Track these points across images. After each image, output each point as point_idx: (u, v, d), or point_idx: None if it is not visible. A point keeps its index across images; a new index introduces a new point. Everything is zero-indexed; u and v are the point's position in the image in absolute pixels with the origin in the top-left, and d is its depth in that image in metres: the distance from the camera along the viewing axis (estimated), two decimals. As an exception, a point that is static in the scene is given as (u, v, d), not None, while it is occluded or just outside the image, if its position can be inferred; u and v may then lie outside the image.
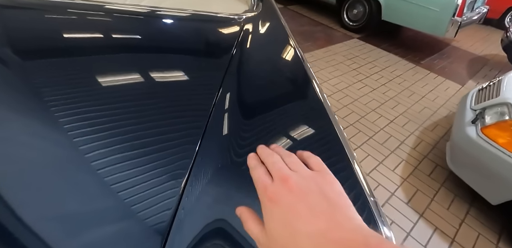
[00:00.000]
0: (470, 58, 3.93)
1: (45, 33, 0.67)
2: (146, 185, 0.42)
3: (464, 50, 4.18)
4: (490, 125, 1.49)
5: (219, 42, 0.90)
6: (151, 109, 0.55)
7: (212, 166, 0.49)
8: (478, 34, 4.96)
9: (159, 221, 0.39)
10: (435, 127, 2.42)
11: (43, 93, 0.51)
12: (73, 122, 0.47)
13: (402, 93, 2.85)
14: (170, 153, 0.48)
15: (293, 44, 1.00)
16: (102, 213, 0.38)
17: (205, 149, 0.51)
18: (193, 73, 0.72)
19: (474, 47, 4.37)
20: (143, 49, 0.74)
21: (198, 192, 0.43)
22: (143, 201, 0.40)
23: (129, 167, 0.43)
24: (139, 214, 0.39)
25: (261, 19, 1.12)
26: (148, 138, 0.49)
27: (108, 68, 0.64)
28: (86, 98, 0.52)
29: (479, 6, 3.79)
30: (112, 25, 0.81)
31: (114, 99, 0.55)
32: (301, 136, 0.62)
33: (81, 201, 0.38)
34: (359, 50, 3.62)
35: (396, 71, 3.25)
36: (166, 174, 0.44)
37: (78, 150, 0.43)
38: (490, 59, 3.99)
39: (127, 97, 0.57)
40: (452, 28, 3.15)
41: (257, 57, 0.88)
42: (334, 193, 0.25)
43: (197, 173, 0.46)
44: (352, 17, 4.01)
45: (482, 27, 5.39)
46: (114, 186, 0.40)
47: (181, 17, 0.97)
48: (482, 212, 1.73)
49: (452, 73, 3.40)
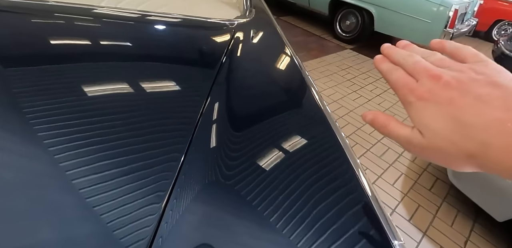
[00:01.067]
0: (461, 69, 3.97)
1: (25, 38, 0.63)
2: (122, 210, 0.36)
3: (455, 61, 4.23)
4: (494, 138, 1.43)
5: (208, 49, 0.83)
6: (133, 121, 0.50)
7: (196, 185, 0.44)
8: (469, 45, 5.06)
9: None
10: (433, 139, 2.38)
11: (20, 101, 0.46)
12: (49, 134, 0.43)
13: (397, 104, 2.81)
14: (150, 172, 0.42)
15: (289, 52, 0.94)
16: (76, 238, 0.34)
17: (189, 165, 0.45)
18: (178, 81, 0.65)
19: (464, 58, 4.43)
20: (128, 55, 0.69)
21: (178, 216, 0.38)
22: (119, 226, 0.35)
23: (104, 187, 0.38)
24: (115, 239, 0.34)
25: (254, 26, 1.06)
26: (128, 153, 0.44)
27: (90, 75, 0.59)
28: (64, 107, 0.48)
29: (468, 19, 3.86)
30: (98, 30, 0.75)
31: (93, 110, 0.49)
32: (300, 146, 0.57)
33: (54, 224, 0.34)
34: (352, 60, 3.61)
35: (390, 81, 3.23)
36: (144, 196, 0.39)
37: (53, 165, 0.39)
38: (480, 70, 4.04)
39: (107, 108, 0.51)
40: (444, 39, 3.17)
41: (249, 65, 0.81)
42: (507, 80, 0.21)
43: (178, 195, 0.41)
44: (345, 28, 4.02)
45: (471, 39, 5.50)
46: (88, 208, 0.36)
47: (170, 22, 0.91)
48: (487, 229, 1.65)
49: (445, 84, 3.41)
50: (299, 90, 0.77)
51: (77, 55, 0.63)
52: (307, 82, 0.78)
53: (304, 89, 0.76)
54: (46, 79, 0.54)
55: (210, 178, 0.45)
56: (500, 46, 3.12)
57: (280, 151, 0.54)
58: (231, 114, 0.61)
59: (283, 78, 0.82)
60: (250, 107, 0.67)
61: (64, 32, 0.71)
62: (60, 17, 0.76)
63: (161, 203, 0.38)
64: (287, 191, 0.45)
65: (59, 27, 0.72)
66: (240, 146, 0.53)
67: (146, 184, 0.40)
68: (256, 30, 1.05)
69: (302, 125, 0.65)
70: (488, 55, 3.55)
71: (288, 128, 0.62)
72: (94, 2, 0.85)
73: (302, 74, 0.81)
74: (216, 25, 0.95)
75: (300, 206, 0.43)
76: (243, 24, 1.00)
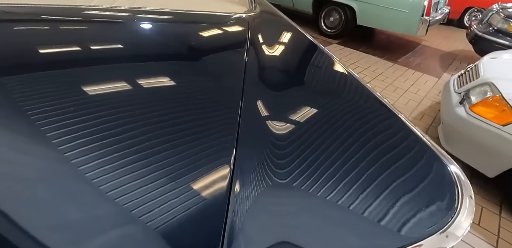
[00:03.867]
0: (440, 54, 4.24)
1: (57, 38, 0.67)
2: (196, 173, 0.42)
3: (434, 48, 4.51)
4: (477, 103, 1.63)
5: (232, 38, 0.95)
6: (185, 108, 0.56)
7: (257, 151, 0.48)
8: (443, 34, 5.37)
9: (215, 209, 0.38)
10: (423, 116, 2.58)
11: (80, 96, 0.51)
12: (134, 117, 0.49)
13: (386, 89, 3.03)
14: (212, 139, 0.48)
15: (302, 32, 1.08)
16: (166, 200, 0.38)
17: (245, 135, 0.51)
18: (216, 66, 0.75)
19: (441, 45, 4.72)
20: (163, 53, 0.76)
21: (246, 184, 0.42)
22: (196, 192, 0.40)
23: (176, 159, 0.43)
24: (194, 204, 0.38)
25: (264, 17, 1.21)
26: (188, 132, 0.49)
27: (151, 69, 0.65)
28: (122, 101, 0.53)
29: (441, 7, 4.15)
30: (129, 30, 0.82)
31: (163, 94, 0.57)
32: (343, 104, 0.66)
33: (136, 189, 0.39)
34: (340, 53, 3.82)
35: (377, 70, 3.45)
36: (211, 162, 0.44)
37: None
38: (458, 54, 4.33)
39: (172, 91, 0.59)
40: (422, 27, 3.42)
41: (271, 48, 0.93)
42: None
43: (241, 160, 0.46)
44: (329, 24, 4.26)
45: (445, 28, 5.84)
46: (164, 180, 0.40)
47: (191, 18, 1.03)
48: (482, 187, 1.85)
49: (427, 68, 3.65)
50: (322, 59, 0.90)
51: (122, 53, 0.69)
52: (327, 52, 0.92)
53: (326, 58, 0.88)
54: (106, 74, 0.60)
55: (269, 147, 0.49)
56: (473, 29, 3.40)
57: (326, 108, 0.61)
58: (269, 86, 0.69)
59: (304, 52, 0.95)
60: (287, 78, 0.77)
61: (99, 30, 0.77)
62: (86, 17, 0.81)
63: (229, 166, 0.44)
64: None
65: (91, 27, 0.79)
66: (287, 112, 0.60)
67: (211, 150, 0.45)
68: (267, 19, 1.21)
69: (340, 87, 0.74)
70: (463, 39, 3.83)
71: (331, 91, 0.71)
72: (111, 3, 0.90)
73: (320, 48, 0.96)
74: (231, 18, 1.09)
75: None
76: (254, 15, 1.16)
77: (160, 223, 0.35)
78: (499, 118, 1.53)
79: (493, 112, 1.55)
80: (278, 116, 0.58)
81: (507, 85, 1.60)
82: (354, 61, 3.62)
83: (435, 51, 4.37)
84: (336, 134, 0.54)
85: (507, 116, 1.51)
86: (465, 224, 0.40)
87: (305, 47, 0.99)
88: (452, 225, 0.39)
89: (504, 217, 1.67)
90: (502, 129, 1.50)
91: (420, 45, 4.58)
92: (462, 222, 0.40)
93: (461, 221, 0.40)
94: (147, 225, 0.35)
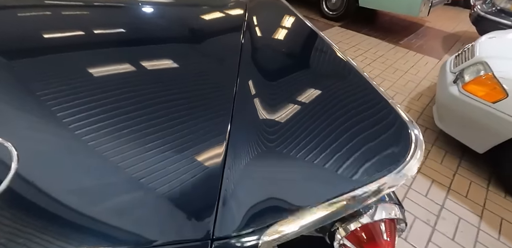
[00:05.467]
0: (443, 36, 4.20)
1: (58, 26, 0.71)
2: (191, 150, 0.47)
3: (437, 29, 4.46)
4: (469, 81, 1.68)
5: (230, 20, 0.99)
6: (184, 89, 0.61)
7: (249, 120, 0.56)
8: (447, 14, 5.28)
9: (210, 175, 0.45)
10: (420, 97, 2.63)
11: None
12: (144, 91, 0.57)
13: (386, 71, 3.06)
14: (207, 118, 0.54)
15: (298, 15, 1.12)
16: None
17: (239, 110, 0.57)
18: (213, 46, 0.80)
19: (445, 26, 4.66)
20: (163, 35, 0.81)
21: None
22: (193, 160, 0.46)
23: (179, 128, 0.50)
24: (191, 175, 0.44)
25: (262, 0, 1.24)
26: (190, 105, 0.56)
27: (155, 51, 0.71)
28: (131, 82, 0.59)
29: (446, -13, 4.06)
30: (131, 13, 0.87)
31: (167, 75, 0.64)
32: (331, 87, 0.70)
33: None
34: (341, 36, 3.82)
35: (378, 52, 3.46)
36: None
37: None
38: (461, 35, 4.28)
39: (173, 71, 0.65)
40: (424, 7, 3.39)
41: (267, 30, 0.98)
42: None
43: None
44: (331, 6, 4.21)
45: (451, 8, 5.72)
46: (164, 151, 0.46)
47: (188, 2, 1.06)
48: (472, 163, 1.93)
49: (429, 50, 3.65)
50: (316, 43, 0.94)
51: (127, 34, 0.75)
52: (322, 37, 0.95)
53: (321, 42, 0.92)
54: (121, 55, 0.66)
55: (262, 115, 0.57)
56: (476, 9, 3.36)
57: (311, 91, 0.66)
58: (263, 67, 0.74)
59: (300, 36, 0.99)
60: (280, 60, 0.81)
61: (99, 14, 0.81)
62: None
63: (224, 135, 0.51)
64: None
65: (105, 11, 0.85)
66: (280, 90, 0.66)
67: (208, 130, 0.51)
68: (265, 3, 1.25)
69: (329, 66, 0.79)
70: (468, 20, 3.78)
71: (320, 70, 0.76)
72: None
73: (314, 31, 0.99)
74: (230, 1, 1.13)
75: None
76: None
77: (165, 189, 0.41)
78: (490, 95, 1.58)
79: (484, 90, 1.60)
80: (269, 94, 0.64)
81: (499, 63, 1.64)
82: (356, 44, 3.62)
83: (438, 33, 4.32)
84: (315, 103, 0.62)
85: (497, 93, 1.56)
86: (415, 168, 0.49)
87: (301, 31, 1.01)
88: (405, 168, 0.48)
89: (491, 190, 1.76)
90: (492, 106, 1.56)
91: (424, 26, 4.53)
92: (413, 166, 0.49)
93: (412, 165, 0.49)
94: (154, 190, 0.41)
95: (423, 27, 4.51)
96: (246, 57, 0.77)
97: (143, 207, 0.39)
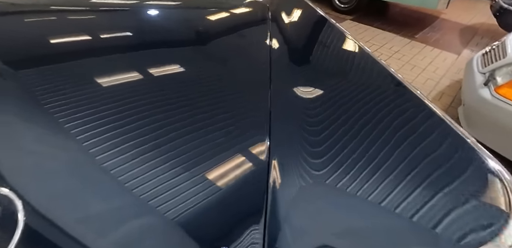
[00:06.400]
0: (460, 29, 4.02)
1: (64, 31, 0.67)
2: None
3: (453, 22, 4.27)
4: (503, 84, 1.56)
5: (254, 22, 0.94)
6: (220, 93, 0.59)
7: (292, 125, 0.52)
8: (463, 5, 5.04)
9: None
10: (442, 96, 2.51)
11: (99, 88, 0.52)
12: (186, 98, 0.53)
13: (403, 68, 2.92)
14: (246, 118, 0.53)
15: (323, 14, 1.05)
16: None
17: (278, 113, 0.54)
18: (238, 53, 0.76)
19: (461, 17, 4.45)
20: (188, 38, 0.79)
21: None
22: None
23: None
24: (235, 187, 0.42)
25: (284, 1, 1.16)
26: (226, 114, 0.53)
27: (188, 56, 0.68)
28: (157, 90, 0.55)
29: (463, -23, 3.86)
30: (153, 16, 0.84)
31: (207, 78, 0.62)
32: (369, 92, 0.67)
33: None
34: (354, 30, 3.66)
35: (393, 47, 3.31)
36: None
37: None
38: (479, 27, 4.09)
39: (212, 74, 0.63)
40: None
41: (293, 30, 0.93)
42: None
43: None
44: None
45: (466, -2, 5.49)
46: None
47: (210, 5, 1.00)
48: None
49: (446, 44, 3.48)
50: (345, 43, 0.88)
51: (152, 37, 0.72)
52: (349, 36, 0.89)
53: (347, 41, 0.87)
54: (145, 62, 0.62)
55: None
56: (498, 0, 3.17)
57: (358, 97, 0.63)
58: (296, 67, 0.71)
59: (326, 35, 0.94)
60: (313, 60, 0.77)
61: (120, 18, 0.79)
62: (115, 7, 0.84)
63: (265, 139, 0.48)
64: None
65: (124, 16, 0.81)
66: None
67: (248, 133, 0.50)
68: (287, 3, 1.16)
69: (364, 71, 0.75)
70: (485, 11, 3.60)
71: (353, 75, 0.73)
72: None
73: (341, 30, 0.93)
74: (250, 3, 1.05)
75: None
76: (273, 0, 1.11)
77: (210, 193, 0.39)
78: (527, 100, 1.47)
79: (521, 94, 1.48)
80: (306, 97, 0.60)
81: (538, 65, 1.52)
82: (369, 39, 3.47)
83: (455, 25, 4.13)
84: (372, 135, 0.54)
85: (536, 98, 1.44)
86: None
87: (325, 29, 0.98)
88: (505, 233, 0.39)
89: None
90: (530, 111, 1.45)
91: (439, 19, 4.34)
92: None
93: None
94: (198, 195, 0.38)
95: (439, 19, 4.32)
96: (276, 56, 0.73)
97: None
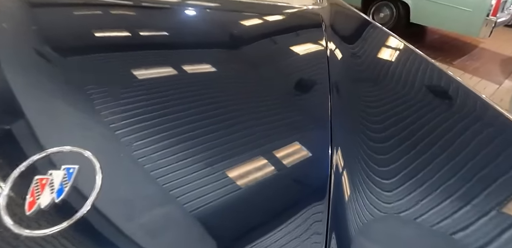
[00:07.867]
0: (501, 59, 3.87)
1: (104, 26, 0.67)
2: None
3: (494, 52, 4.13)
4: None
5: (309, 29, 0.92)
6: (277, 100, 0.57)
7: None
8: (506, 36, 4.89)
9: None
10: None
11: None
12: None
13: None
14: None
15: (374, 22, 1.02)
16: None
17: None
18: (295, 64, 0.72)
19: (502, 48, 4.30)
20: (257, 39, 0.78)
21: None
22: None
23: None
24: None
25: (334, 9, 1.15)
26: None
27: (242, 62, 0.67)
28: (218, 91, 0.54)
29: (508, 7, 3.76)
30: (211, 17, 0.84)
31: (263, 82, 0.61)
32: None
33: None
34: (388, 52, 3.61)
35: (429, 72, 3.22)
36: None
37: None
38: (521, 60, 3.93)
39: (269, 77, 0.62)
40: (486, 28, 3.12)
41: (349, 42, 0.90)
42: None
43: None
44: (379, 20, 4.01)
45: (506, 29, 5.32)
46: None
47: (257, 9, 1.00)
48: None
49: (486, 73, 3.34)
50: (405, 54, 0.84)
51: (221, 43, 0.72)
52: (401, 41, 0.86)
53: (405, 49, 0.83)
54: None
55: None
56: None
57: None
58: (355, 81, 0.67)
59: (384, 46, 0.90)
60: (373, 73, 0.74)
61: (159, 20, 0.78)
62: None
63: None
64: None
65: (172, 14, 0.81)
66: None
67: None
68: (338, 12, 1.15)
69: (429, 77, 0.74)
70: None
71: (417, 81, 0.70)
72: None
73: (395, 37, 0.89)
74: (302, 10, 1.04)
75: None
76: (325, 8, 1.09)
77: (275, 186, 0.38)
78: None
79: None
80: (369, 111, 0.56)
81: None
82: (404, 62, 3.39)
83: (495, 55, 3.99)
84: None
85: None
86: None
87: (384, 40, 0.94)
88: None
89: None
90: None
91: (478, 47, 4.21)
92: None
93: None
94: (258, 193, 0.36)
95: (478, 48, 4.19)
96: (335, 69, 0.68)
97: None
